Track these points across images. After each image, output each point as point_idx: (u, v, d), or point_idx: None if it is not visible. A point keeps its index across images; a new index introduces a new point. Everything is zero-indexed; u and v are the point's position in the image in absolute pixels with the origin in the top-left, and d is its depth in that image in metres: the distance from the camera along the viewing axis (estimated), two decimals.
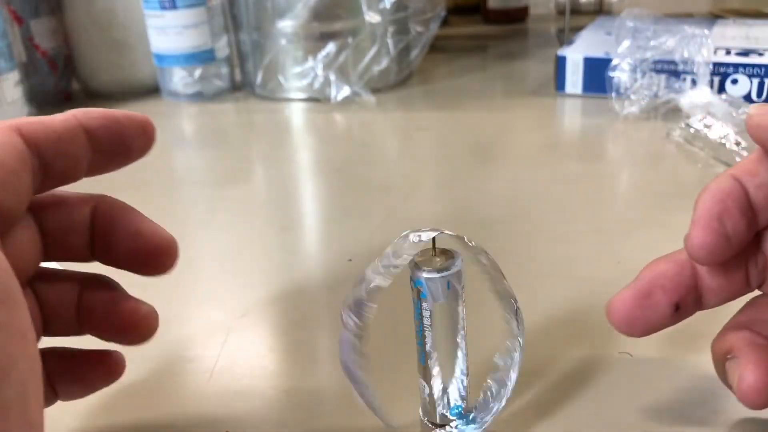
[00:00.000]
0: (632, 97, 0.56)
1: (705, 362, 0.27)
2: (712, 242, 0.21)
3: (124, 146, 0.22)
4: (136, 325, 0.24)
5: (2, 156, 0.18)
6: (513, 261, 0.36)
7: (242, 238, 0.40)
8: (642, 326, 0.23)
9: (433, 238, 0.21)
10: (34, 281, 0.23)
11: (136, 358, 0.30)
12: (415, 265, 0.21)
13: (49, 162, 0.20)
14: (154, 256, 0.23)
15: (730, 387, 0.23)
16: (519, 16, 0.97)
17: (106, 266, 0.24)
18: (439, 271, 0.21)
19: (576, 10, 0.97)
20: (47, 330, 0.23)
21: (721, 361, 0.23)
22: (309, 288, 0.35)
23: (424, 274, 0.21)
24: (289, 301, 0.34)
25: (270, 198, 0.46)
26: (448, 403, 0.23)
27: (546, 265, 0.35)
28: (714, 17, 0.78)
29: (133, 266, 0.24)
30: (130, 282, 0.36)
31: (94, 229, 0.23)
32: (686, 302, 0.23)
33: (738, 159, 0.44)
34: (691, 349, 0.28)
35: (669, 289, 0.22)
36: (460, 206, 0.43)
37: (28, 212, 0.21)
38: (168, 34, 0.65)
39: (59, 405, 0.27)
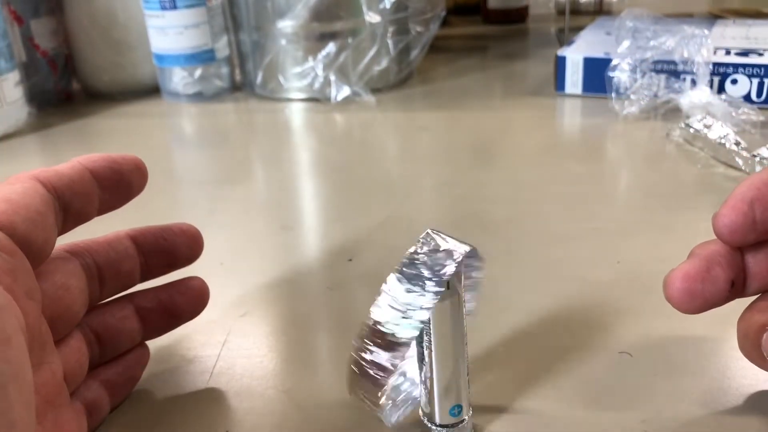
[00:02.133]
0: (632, 97, 0.56)
1: (706, 362, 0.27)
2: (737, 222, 0.22)
3: (125, 182, 0.25)
4: (194, 300, 0.28)
5: (29, 199, 0.21)
6: (513, 260, 0.36)
7: (242, 238, 0.40)
8: (701, 301, 0.23)
9: (435, 238, 0.22)
10: (91, 318, 0.26)
11: None
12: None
13: (67, 202, 0.23)
14: (186, 245, 0.28)
15: (759, 362, 0.23)
16: (519, 16, 0.97)
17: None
18: None
19: (576, 10, 0.97)
20: (115, 349, 0.26)
21: (754, 336, 0.23)
22: (309, 288, 0.35)
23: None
24: (289, 301, 0.34)
25: (270, 198, 0.46)
26: (447, 402, 0.23)
27: (546, 265, 0.35)
28: (714, 17, 0.78)
29: (171, 263, 0.28)
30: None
31: (142, 253, 0.27)
32: (739, 281, 0.23)
33: (738, 159, 0.45)
34: (691, 348, 0.28)
35: (725, 266, 0.23)
36: (460, 206, 0.43)
37: (75, 258, 0.25)
38: (168, 34, 0.65)
39: None
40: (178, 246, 0.28)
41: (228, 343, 0.30)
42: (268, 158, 0.54)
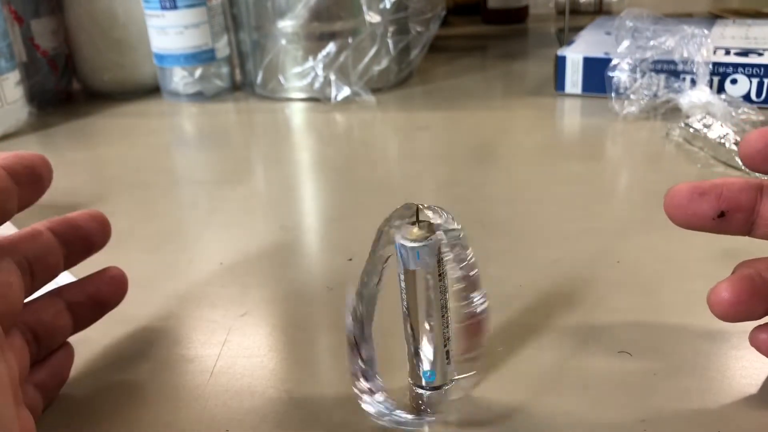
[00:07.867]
0: (632, 96, 0.56)
1: (706, 362, 0.27)
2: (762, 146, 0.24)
3: (36, 175, 0.25)
4: (118, 289, 0.29)
5: None
6: (512, 260, 0.36)
7: (242, 238, 0.40)
8: (684, 214, 0.25)
9: (417, 210, 0.23)
10: (26, 317, 0.26)
11: (136, 357, 0.30)
12: (397, 231, 0.23)
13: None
14: (99, 231, 0.28)
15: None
16: (519, 16, 0.97)
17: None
18: (411, 240, 0.22)
19: (576, 10, 0.97)
20: (50, 346, 0.27)
21: None
22: (309, 288, 0.35)
23: (398, 241, 0.23)
24: (289, 301, 0.34)
25: (270, 198, 0.47)
26: (422, 366, 0.24)
27: (546, 265, 0.35)
28: (714, 17, 0.78)
29: (87, 250, 0.28)
30: (130, 281, 0.35)
31: (63, 243, 0.27)
32: (734, 217, 0.25)
33: (737, 158, 0.45)
34: (690, 348, 0.28)
35: (724, 197, 0.24)
36: (460, 206, 0.43)
37: (8, 257, 0.24)
38: (168, 33, 0.65)
39: (62, 405, 0.27)
40: (92, 232, 0.28)
41: (228, 343, 0.30)
42: (268, 158, 0.54)
